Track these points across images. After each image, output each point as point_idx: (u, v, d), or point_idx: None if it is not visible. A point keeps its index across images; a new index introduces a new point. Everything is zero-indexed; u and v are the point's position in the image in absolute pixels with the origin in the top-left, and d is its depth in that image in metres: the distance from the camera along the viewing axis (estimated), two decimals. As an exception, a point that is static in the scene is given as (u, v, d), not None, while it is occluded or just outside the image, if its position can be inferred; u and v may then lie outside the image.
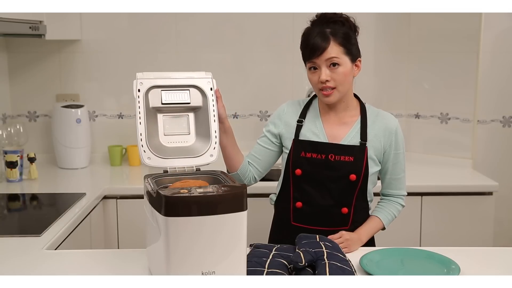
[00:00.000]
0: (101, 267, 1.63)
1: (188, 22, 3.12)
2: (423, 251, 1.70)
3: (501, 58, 3.09)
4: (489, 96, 3.09)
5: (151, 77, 1.59)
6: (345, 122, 1.88)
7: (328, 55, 1.77)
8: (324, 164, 1.83)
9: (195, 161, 1.58)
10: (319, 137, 1.86)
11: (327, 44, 1.76)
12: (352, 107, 1.89)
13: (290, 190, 1.88)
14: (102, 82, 3.18)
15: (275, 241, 1.89)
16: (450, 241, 2.67)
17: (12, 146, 2.81)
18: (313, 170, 1.84)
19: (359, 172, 1.82)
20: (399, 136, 1.90)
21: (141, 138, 1.55)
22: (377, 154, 1.86)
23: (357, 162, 1.82)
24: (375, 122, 1.88)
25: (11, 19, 2.27)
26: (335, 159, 1.82)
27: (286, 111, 1.93)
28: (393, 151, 1.88)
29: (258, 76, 3.18)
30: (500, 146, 3.16)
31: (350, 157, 1.82)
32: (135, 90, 1.57)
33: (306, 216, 1.87)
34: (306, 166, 1.84)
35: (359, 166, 1.82)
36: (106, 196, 2.62)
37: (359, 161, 1.82)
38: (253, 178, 1.93)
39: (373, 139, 1.85)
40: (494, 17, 3.01)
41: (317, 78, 1.79)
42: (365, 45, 3.21)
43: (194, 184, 1.47)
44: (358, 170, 1.82)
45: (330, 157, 1.82)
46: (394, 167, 1.90)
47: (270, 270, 1.50)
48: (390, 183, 1.94)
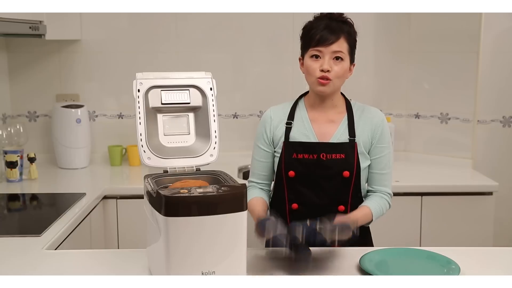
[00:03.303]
0: (101, 267, 1.63)
1: (188, 22, 3.12)
2: (423, 251, 1.70)
3: (501, 58, 3.09)
4: (489, 96, 3.09)
5: (151, 77, 1.59)
6: (333, 120, 1.88)
7: (336, 48, 1.78)
8: (317, 164, 1.83)
9: (195, 161, 1.58)
10: (309, 137, 1.86)
11: (338, 36, 1.78)
12: (339, 105, 1.90)
13: (284, 192, 1.89)
14: (102, 82, 3.18)
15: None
16: (450, 241, 2.67)
17: (12, 146, 2.81)
18: (306, 170, 1.85)
19: (351, 168, 1.83)
20: (385, 130, 1.89)
21: (141, 138, 1.55)
22: (366, 148, 1.86)
23: (349, 159, 1.83)
24: (361, 117, 1.88)
25: (11, 19, 2.27)
26: (327, 158, 1.83)
27: (273, 117, 1.93)
28: (378, 144, 1.87)
29: (258, 76, 3.18)
30: (500, 146, 3.16)
31: (341, 154, 1.82)
32: (135, 90, 1.57)
33: (303, 217, 1.87)
34: (299, 168, 1.85)
35: (351, 162, 1.83)
36: (106, 196, 2.62)
37: (350, 157, 1.83)
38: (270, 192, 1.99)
39: (360, 134, 1.86)
40: (494, 17, 3.00)
41: (319, 65, 1.79)
42: (365, 45, 3.24)
43: (194, 184, 1.47)
44: (351, 166, 1.83)
45: (321, 156, 1.83)
46: (378, 161, 1.88)
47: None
48: (373, 177, 1.90)
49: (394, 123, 3.16)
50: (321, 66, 1.78)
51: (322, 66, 1.78)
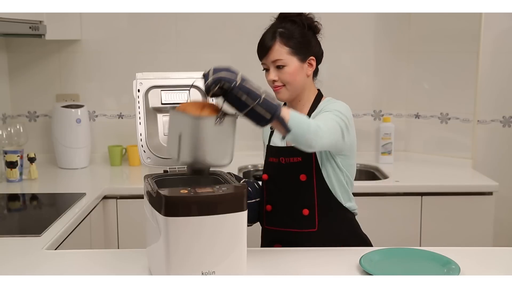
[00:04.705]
0: (101, 267, 1.63)
1: (188, 22, 3.12)
2: (423, 251, 1.70)
3: (501, 58, 3.09)
4: (489, 96, 3.09)
5: (151, 77, 1.59)
6: None
7: (273, 57, 1.80)
8: (278, 167, 1.85)
9: (195, 161, 1.58)
10: (283, 141, 1.86)
11: (271, 44, 1.79)
12: (307, 105, 1.87)
13: (264, 194, 1.91)
14: (102, 82, 3.18)
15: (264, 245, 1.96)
16: (450, 241, 2.67)
17: (12, 146, 2.81)
18: (273, 173, 1.87)
19: (308, 171, 1.81)
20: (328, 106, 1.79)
21: (141, 138, 1.55)
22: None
23: (305, 162, 1.81)
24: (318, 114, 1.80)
25: (11, 19, 2.27)
26: (285, 162, 1.83)
27: None
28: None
29: (258, 76, 3.17)
30: (500, 146, 3.16)
31: (297, 158, 1.80)
32: (135, 90, 1.57)
33: (274, 219, 1.89)
34: (270, 171, 1.88)
35: (308, 165, 1.81)
36: (106, 196, 2.62)
37: (307, 160, 1.80)
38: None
39: None
40: (494, 17, 3.00)
41: (268, 77, 1.83)
42: (365, 45, 3.25)
43: (193, 106, 1.41)
44: (308, 170, 1.81)
45: (281, 160, 1.84)
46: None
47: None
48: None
49: (394, 123, 3.16)
50: (268, 77, 1.82)
51: (268, 77, 1.83)
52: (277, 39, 1.79)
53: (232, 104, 1.43)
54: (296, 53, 1.80)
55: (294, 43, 1.79)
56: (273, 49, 1.79)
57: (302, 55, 1.81)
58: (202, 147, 1.36)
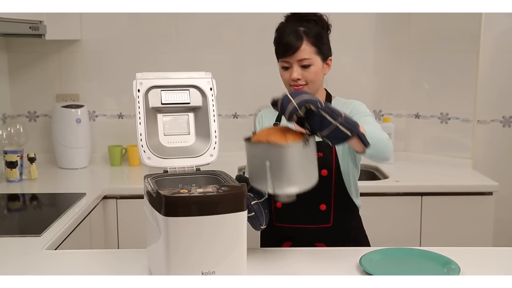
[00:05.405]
0: (101, 267, 1.63)
1: (188, 22, 3.12)
2: (423, 251, 1.70)
3: (501, 58, 3.09)
4: (489, 96, 3.09)
5: (151, 77, 1.59)
6: None
7: (300, 56, 1.79)
8: None
9: (195, 161, 1.58)
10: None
11: (300, 43, 1.78)
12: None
13: None
14: (102, 82, 3.18)
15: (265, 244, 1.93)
16: (450, 241, 2.67)
17: (12, 146, 2.81)
18: None
19: (329, 167, 1.82)
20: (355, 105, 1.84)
21: (141, 138, 1.55)
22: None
23: (326, 157, 1.82)
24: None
25: (11, 19, 2.27)
26: None
27: (264, 116, 1.95)
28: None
29: (258, 76, 3.18)
30: (500, 146, 3.16)
31: (319, 153, 1.80)
32: (135, 90, 1.57)
33: (285, 216, 1.88)
34: None
35: (329, 161, 1.82)
36: (106, 196, 2.62)
37: (328, 156, 1.82)
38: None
39: None
40: (494, 17, 3.00)
41: (289, 75, 1.82)
42: (365, 45, 3.25)
43: (271, 134, 1.48)
44: (329, 165, 1.82)
45: None
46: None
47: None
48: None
49: (394, 123, 3.17)
50: (291, 75, 1.81)
51: (292, 76, 1.81)
52: (305, 39, 1.79)
53: (315, 124, 1.45)
54: (320, 53, 1.82)
55: (319, 43, 1.81)
56: (301, 48, 1.79)
57: (323, 55, 1.83)
58: (297, 172, 1.45)
